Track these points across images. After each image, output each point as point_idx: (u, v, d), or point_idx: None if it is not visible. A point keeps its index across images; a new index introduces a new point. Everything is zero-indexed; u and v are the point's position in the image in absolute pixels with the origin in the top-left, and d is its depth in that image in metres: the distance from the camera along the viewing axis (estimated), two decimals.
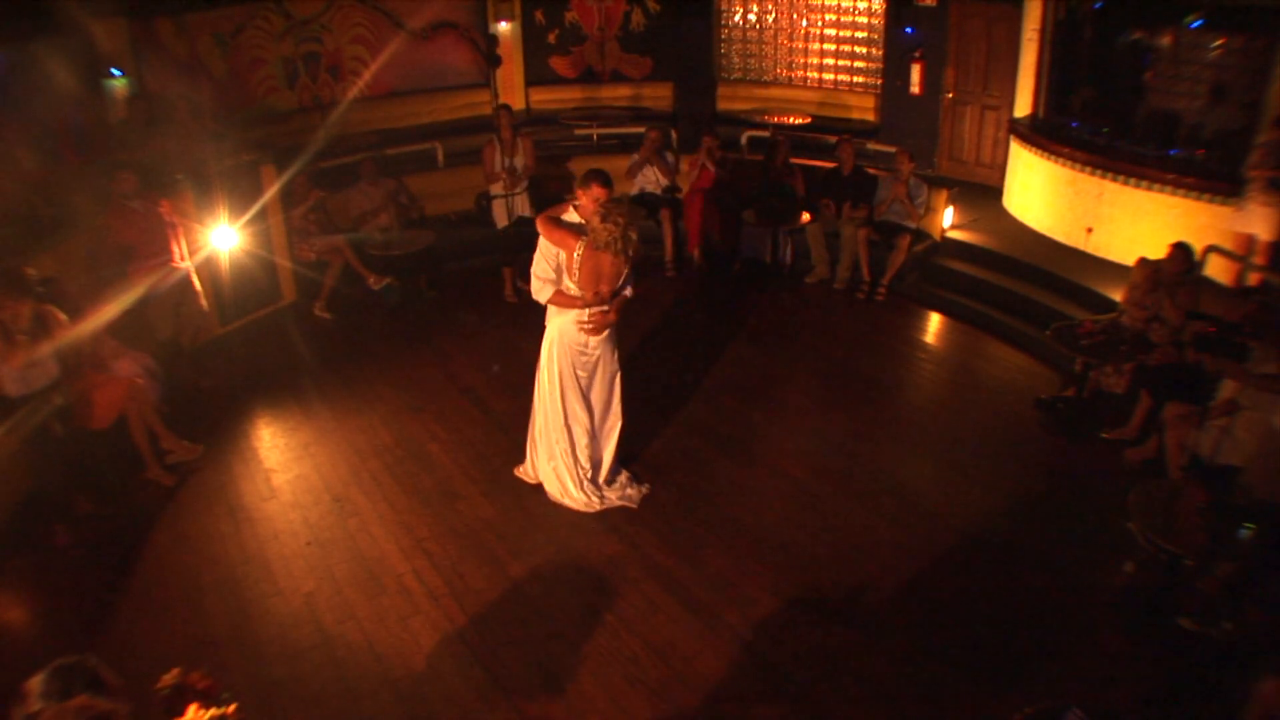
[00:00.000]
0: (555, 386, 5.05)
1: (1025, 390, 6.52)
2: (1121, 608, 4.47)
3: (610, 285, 4.79)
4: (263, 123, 9.15)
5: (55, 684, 2.36)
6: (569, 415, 5.09)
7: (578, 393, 5.06)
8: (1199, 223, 6.97)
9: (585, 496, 5.23)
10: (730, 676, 4.09)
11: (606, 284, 4.77)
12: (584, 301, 4.80)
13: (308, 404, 6.45)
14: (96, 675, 2.41)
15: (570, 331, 4.93)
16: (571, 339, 4.95)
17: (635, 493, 5.34)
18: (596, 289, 4.76)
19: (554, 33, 11.49)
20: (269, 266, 7.61)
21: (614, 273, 4.76)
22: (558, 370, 5.01)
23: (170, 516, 5.26)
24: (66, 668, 2.39)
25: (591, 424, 5.16)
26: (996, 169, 9.29)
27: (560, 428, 5.12)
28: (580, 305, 4.83)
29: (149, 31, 8.31)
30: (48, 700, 2.35)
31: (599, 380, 5.11)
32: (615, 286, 4.82)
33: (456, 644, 4.29)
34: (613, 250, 4.58)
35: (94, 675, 2.40)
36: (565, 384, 5.03)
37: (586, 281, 4.74)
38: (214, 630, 4.38)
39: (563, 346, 4.97)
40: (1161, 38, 8.34)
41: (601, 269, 4.70)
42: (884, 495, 5.36)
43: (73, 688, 2.35)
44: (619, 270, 4.77)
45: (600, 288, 4.76)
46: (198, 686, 2.61)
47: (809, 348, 7.38)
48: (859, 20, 10.60)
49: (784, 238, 8.54)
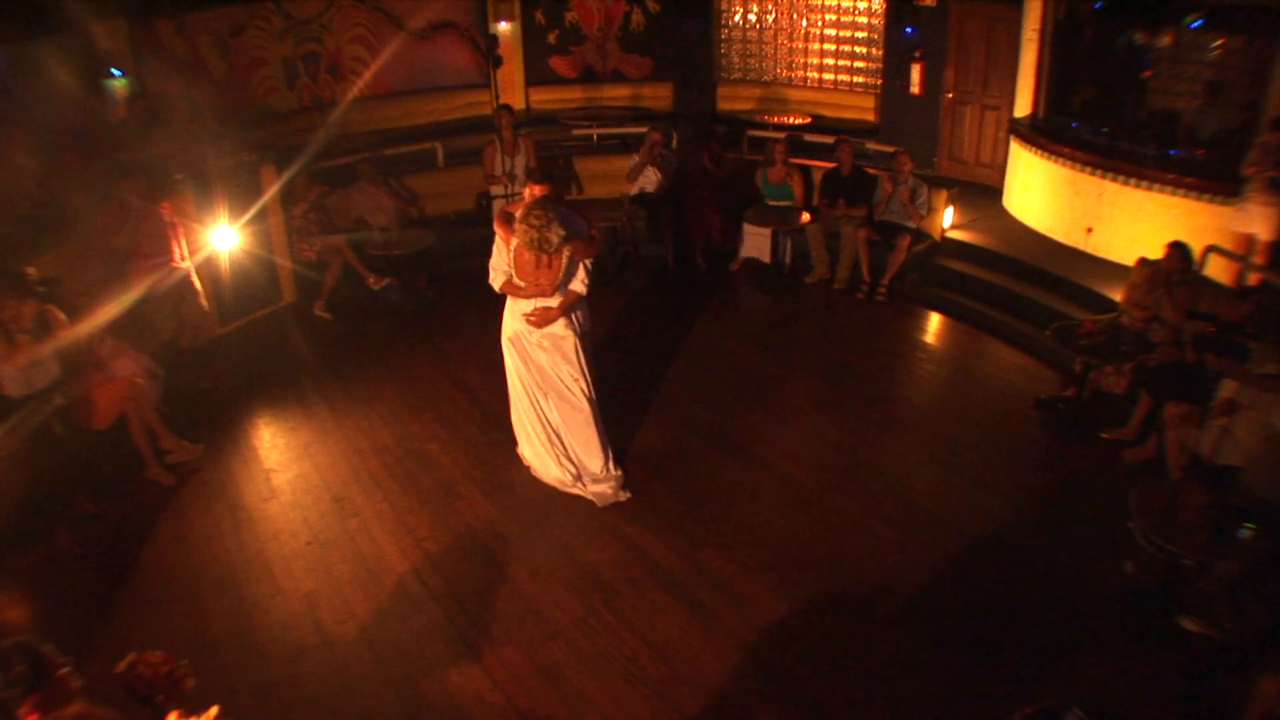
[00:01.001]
0: (512, 376, 5.32)
1: (1025, 390, 6.52)
2: (1121, 608, 4.47)
3: (550, 278, 4.94)
4: (263, 123, 9.15)
5: None
6: (532, 402, 5.30)
7: (532, 382, 5.26)
8: (1199, 223, 6.97)
9: (562, 474, 5.37)
10: (730, 676, 4.09)
11: (545, 278, 4.94)
12: (527, 292, 5.00)
13: (308, 404, 6.45)
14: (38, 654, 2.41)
15: (517, 323, 5.15)
16: (518, 329, 5.16)
17: (609, 492, 5.33)
18: (536, 281, 4.94)
19: (554, 33, 11.48)
20: (269, 266, 7.60)
21: (551, 268, 4.91)
22: (511, 361, 5.27)
23: (170, 516, 5.26)
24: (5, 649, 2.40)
25: (551, 413, 5.30)
26: (996, 169, 9.28)
27: (528, 412, 5.35)
28: (525, 295, 5.02)
29: (149, 31, 8.32)
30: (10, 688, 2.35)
31: (551, 373, 5.21)
32: (556, 280, 4.95)
33: (456, 644, 4.29)
34: (532, 248, 4.74)
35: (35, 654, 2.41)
36: (519, 374, 5.27)
37: (524, 274, 4.96)
38: (214, 630, 4.38)
39: (513, 337, 5.19)
40: (1161, 38, 8.33)
41: (536, 265, 4.89)
42: (884, 495, 5.36)
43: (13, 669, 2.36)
44: (557, 264, 4.90)
45: (539, 279, 4.94)
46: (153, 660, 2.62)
47: (809, 348, 7.38)
48: (859, 20, 10.60)
49: (784, 238, 8.54)
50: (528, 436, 5.46)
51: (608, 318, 7.59)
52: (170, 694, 2.66)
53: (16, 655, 2.39)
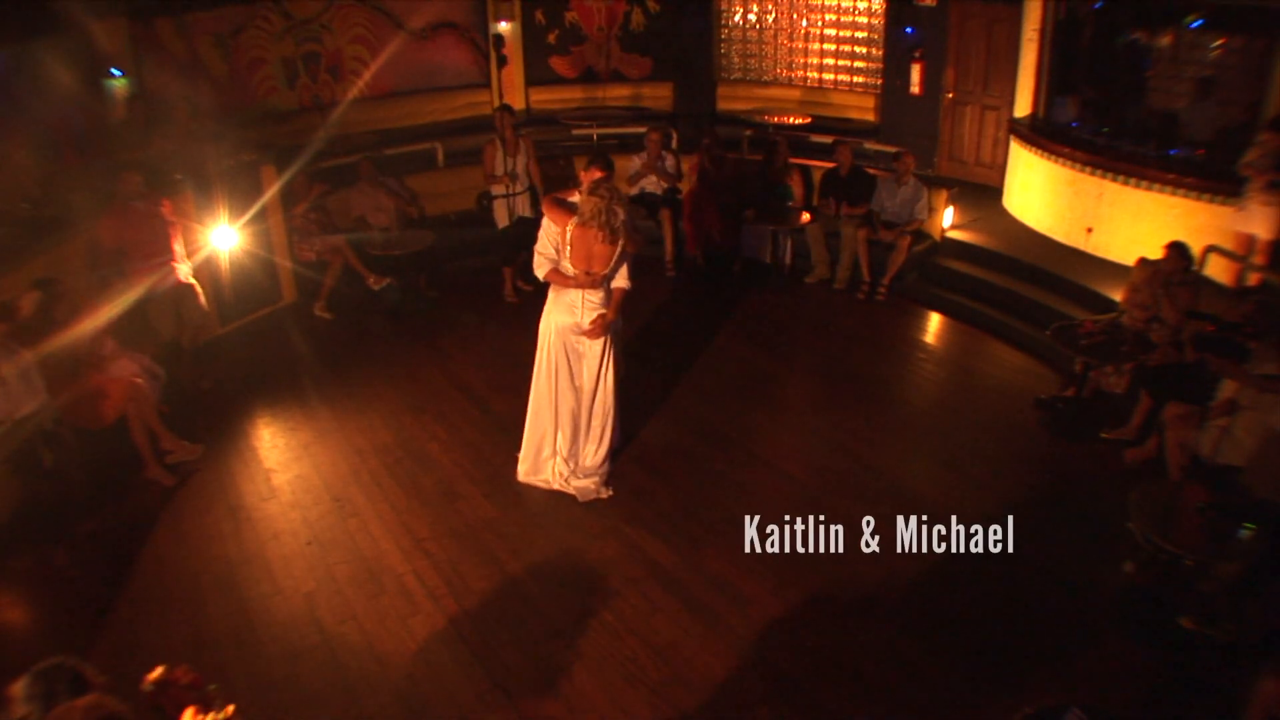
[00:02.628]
0: (543, 368, 5.23)
1: (1025, 390, 6.52)
2: (1121, 608, 4.47)
3: (601, 266, 4.90)
4: (263, 123, 9.14)
5: (38, 687, 2.36)
6: (557, 398, 5.24)
7: (567, 378, 5.21)
8: (1199, 223, 6.97)
9: (549, 476, 5.40)
10: (730, 676, 4.09)
11: (598, 264, 4.90)
12: (576, 281, 4.96)
13: (308, 404, 6.45)
14: (78, 674, 2.41)
15: (562, 317, 5.08)
16: (564, 323, 5.09)
17: (591, 487, 5.35)
18: (588, 268, 4.90)
19: (554, 33, 11.48)
20: (269, 266, 7.60)
21: (604, 253, 4.87)
22: (549, 353, 5.18)
23: (170, 516, 5.25)
24: (48, 670, 2.40)
25: (576, 411, 5.27)
26: (996, 169, 9.28)
27: (546, 409, 5.29)
28: (574, 285, 4.98)
29: (149, 31, 8.31)
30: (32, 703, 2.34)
31: (588, 369, 5.19)
32: (607, 269, 4.93)
33: (456, 644, 4.28)
34: (597, 223, 4.73)
35: (75, 674, 2.41)
36: (556, 367, 5.19)
37: (578, 259, 4.90)
38: (214, 630, 4.38)
39: (556, 329, 5.13)
40: (1161, 38, 8.34)
41: (591, 248, 4.84)
42: (884, 495, 5.36)
43: (56, 689, 2.35)
44: (609, 252, 4.88)
45: (592, 267, 4.90)
46: (182, 682, 2.61)
47: (809, 348, 7.38)
48: (859, 20, 10.60)
49: (784, 238, 8.54)
50: (530, 435, 5.41)
51: None
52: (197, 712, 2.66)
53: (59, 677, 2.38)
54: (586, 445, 5.37)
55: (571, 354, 5.17)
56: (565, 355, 5.17)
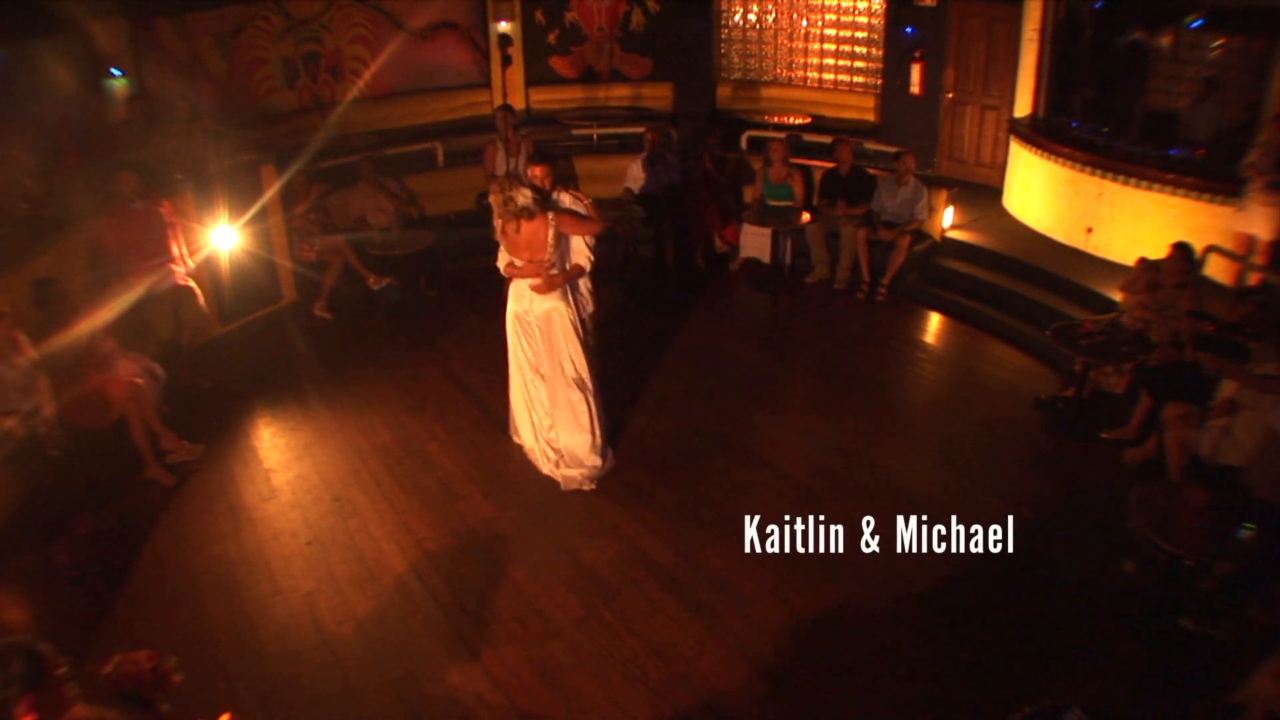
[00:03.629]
0: (512, 355, 5.45)
1: (1025, 390, 6.52)
2: (1121, 608, 4.47)
3: (541, 250, 5.06)
4: (263, 123, 9.15)
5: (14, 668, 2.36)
6: (526, 381, 5.44)
7: (527, 363, 5.39)
8: (1199, 223, 6.97)
9: (541, 458, 5.50)
10: (730, 676, 4.09)
11: (538, 250, 5.06)
12: (525, 271, 5.17)
13: (308, 404, 6.45)
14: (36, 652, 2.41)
15: (517, 304, 5.30)
16: (518, 310, 5.31)
17: (577, 477, 5.42)
18: (530, 256, 5.09)
19: (554, 33, 11.48)
20: (269, 266, 7.60)
21: (532, 236, 5.02)
22: (512, 340, 5.40)
23: (170, 516, 5.25)
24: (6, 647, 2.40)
25: (546, 394, 5.41)
26: (996, 169, 9.28)
27: (521, 392, 5.51)
28: (523, 274, 5.19)
29: (149, 31, 8.31)
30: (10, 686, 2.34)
31: (549, 354, 5.32)
32: (548, 251, 5.07)
33: (456, 644, 4.29)
34: (505, 213, 4.94)
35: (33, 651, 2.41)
36: (518, 353, 5.40)
37: (516, 250, 5.12)
38: (214, 630, 4.38)
39: (515, 316, 5.33)
40: (1161, 38, 8.34)
41: (515, 238, 5.04)
42: (884, 495, 5.36)
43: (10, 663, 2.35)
44: (537, 232, 5.01)
45: (534, 255, 5.08)
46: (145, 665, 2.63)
47: (809, 348, 7.38)
48: (859, 20, 10.59)
49: (784, 238, 8.54)
50: (521, 418, 5.58)
51: (607, 317, 7.56)
52: (159, 690, 2.67)
53: (15, 654, 2.38)
54: (571, 433, 5.42)
55: (528, 336, 5.34)
56: (521, 340, 5.36)
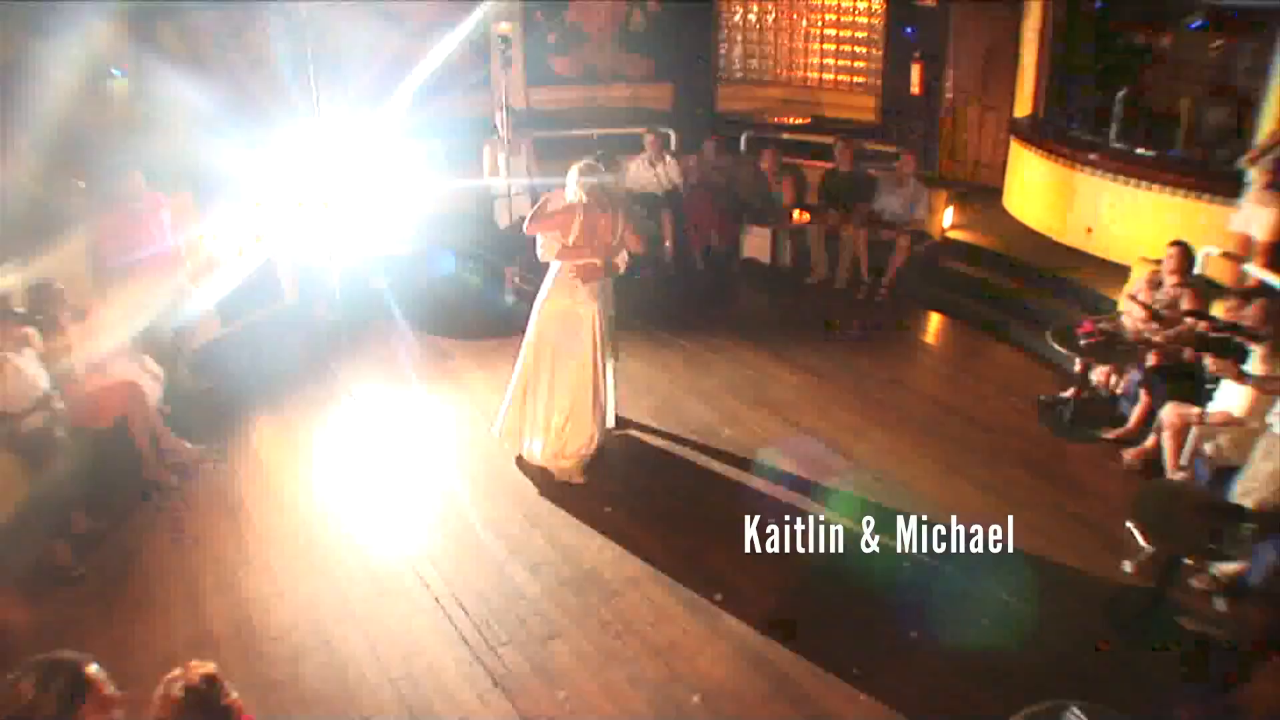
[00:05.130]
0: (526, 350, 5.46)
1: (1025, 390, 6.52)
2: (1121, 608, 4.47)
3: (607, 241, 5.24)
4: None
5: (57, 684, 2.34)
6: (538, 370, 5.43)
7: (547, 356, 5.39)
8: (1199, 223, 6.96)
9: (531, 447, 5.55)
10: (730, 676, 4.09)
11: (604, 236, 5.23)
12: (584, 252, 5.24)
13: (308, 404, 6.45)
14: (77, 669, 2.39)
15: (557, 295, 5.32)
16: (557, 304, 5.32)
17: (568, 466, 5.44)
18: (601, 241, 5.24)
19: (554, 33, 11.47)
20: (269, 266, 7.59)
21: (608, 229, 5.22)
22: (534, 327, 5.41)
23: (170, 517, 5.25)
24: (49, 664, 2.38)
25: (553, 382, 5.41)
26: (996, 169, 9.28)
27: (520, 386, 5.50)
28: (584, 256, 5.25)
29: (149, 32, 8.30)
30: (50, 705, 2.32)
31: (571, 355, 5.35)
32: (611, 242, 5.26)
33: (456, 644, 4.29)
34: (599, 204, 5.13)
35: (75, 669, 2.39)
36: (535, 349, 5.41)
37: (588, 239, 5.23)
38: (214, 630, 4.38)
39: (547, 310, 5.35)
40: (1161, 38, 8.32)
41: (595, 228, 5.20)
42: (883, 495, 5.35)
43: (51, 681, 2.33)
44: (612, 227, 5.23)
45: (604, 240, 5.24)
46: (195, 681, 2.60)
47: (809, 348, 7.38)
48: (859, 20, 10.57)
49: (784, 238, 8.54)
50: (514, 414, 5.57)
51: None
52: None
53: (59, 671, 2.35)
54: (574, 430, 5.42)
55: (565, 334, 5.34)
56: (550, 334, 5.35)
